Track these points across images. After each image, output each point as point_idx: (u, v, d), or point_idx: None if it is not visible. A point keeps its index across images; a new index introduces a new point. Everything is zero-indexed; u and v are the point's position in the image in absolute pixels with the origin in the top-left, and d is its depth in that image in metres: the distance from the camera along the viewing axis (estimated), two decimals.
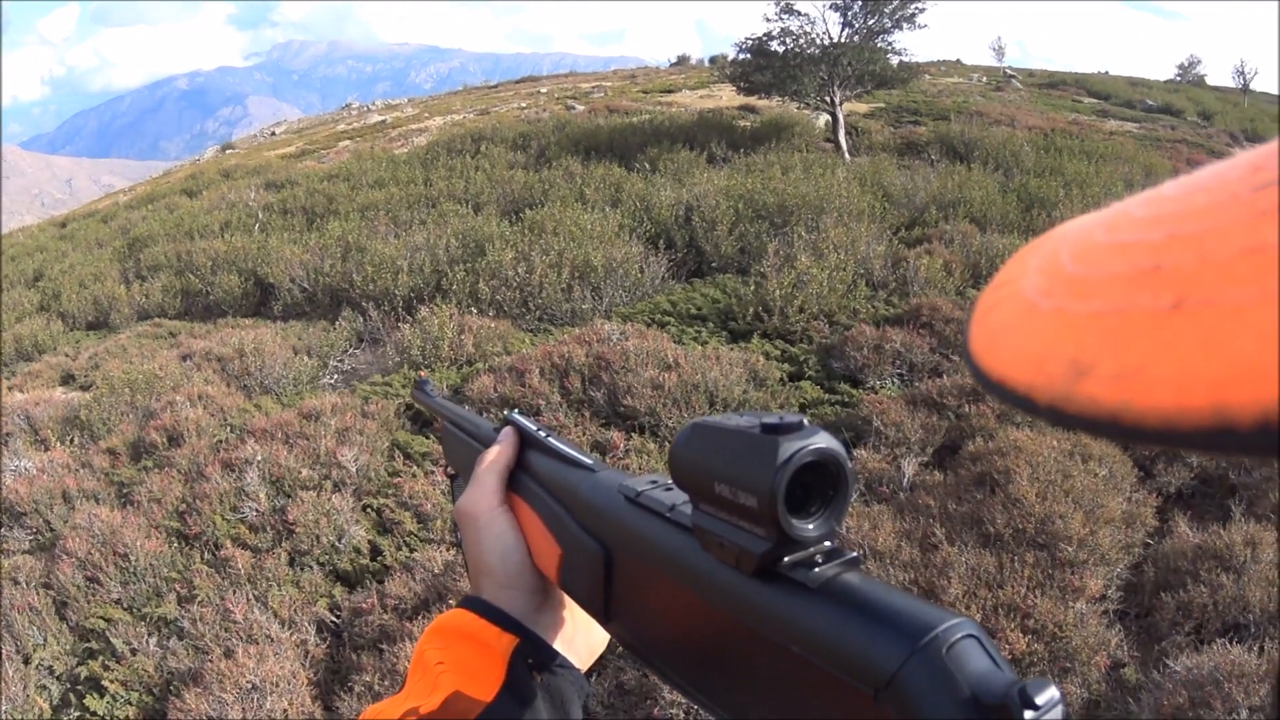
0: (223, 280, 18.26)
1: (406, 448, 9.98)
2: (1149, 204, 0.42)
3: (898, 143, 26.88)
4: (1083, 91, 44.96)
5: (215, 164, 38.39)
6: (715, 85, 37.25)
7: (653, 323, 13.01)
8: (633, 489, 1.01)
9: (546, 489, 1.22)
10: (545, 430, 1.30)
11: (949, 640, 0.60)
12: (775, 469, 0.69)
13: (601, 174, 21.33)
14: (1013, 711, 0.54)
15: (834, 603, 0.70)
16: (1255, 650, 5.93)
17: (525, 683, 1.08)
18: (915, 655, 0.60)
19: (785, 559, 0.73)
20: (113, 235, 26.21)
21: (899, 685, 0.60)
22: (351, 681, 6.70)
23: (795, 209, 16.13)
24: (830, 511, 0.74)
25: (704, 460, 0.78)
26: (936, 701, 0.58)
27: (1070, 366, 0.36)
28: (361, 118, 48.35)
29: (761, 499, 0.71)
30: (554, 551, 1.16)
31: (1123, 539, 7.48)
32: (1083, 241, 0.43)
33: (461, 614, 1.16)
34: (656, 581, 0.93)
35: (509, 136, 27.93)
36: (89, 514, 8.93)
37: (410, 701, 1.07)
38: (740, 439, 0.74)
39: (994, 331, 0.44)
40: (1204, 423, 0.30)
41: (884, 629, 0.64)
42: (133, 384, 12.41)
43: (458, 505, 1.30)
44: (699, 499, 0.81)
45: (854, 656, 0.64)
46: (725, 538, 0.77)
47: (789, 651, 0.71)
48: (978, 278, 14.00)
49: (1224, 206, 0.35)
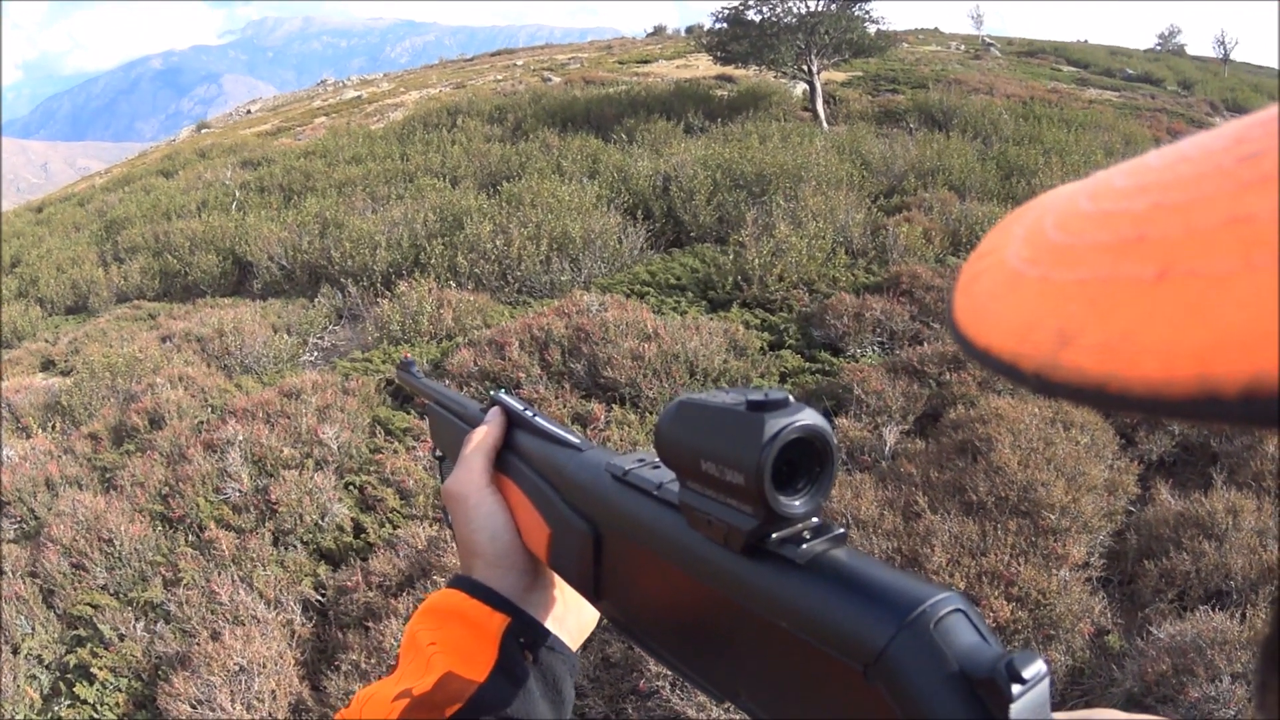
0: (201, 260, 18.20)
1: (387, 424, 9.98)
2: (1133, 173, 0.42)
3: (876, 111, 26.91)
4: (1062, 60, 45.12)
5: (191, 144, 38.24)
6: (692, 55, 37.26)
7: (632, 293, 13.01)
8: (620, 467, 1.01)
9: (534, 468, 1.22)
10: (532, 410, 1.31)
11: (936, 615, 0.61)
12: (761, 446, 0.70)
13: (578, 145, 21.26)
14: (1000, 685, 0.55)
15: (822, 579, 0.70)
16: (1237, 617, 5.97)
17: (517, 662, 1.09)
18: (903, 630, 0.61)
19: (773, 536, 0.74)
20: (89, 218, 26.11)
21: (887, 661, 0.60)
22: (339, 660, 6.70)
23: (773, 178, 16.11)
24: (816, 488, 0.75)
25: (690, 438, 0.78)
26: (925, 676, 0.59)
27: (1055, 335, 0.37)
28: (337, 94, 48.21)
29: (748, 476, 0.71)
30: (543, 531, 1.16)
31: (1105, 506, 7.51)
32: (1067, 210, 0.43)
33: (452, 594, 1.16)
34: (645, 560, 0.94)
35: (485, 110, 27.90)
36: (73, 500, 8.90)
37: (403, 683, 1.07)
38: (726, 416, 0.74)
39: (978, 300, 0.44)
40: (1189, 392, 0.30)
41: (872, 605, 0.64)
42: (113, 367, 12.39)
43: (445, 486, 1.29)
44: (686, 477, 0.82)
45: (842, 633, 0.65)
46: (713, 515, 0.78)
47: (778, 628, 0.72)
48: (957, 245, 14.02)
49: (1208, 177, 0.35)
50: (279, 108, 51.24)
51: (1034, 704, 0.56)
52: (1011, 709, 0.55)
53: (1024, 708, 0.56)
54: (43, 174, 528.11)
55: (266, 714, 6.58)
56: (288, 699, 6.70)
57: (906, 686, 0.59)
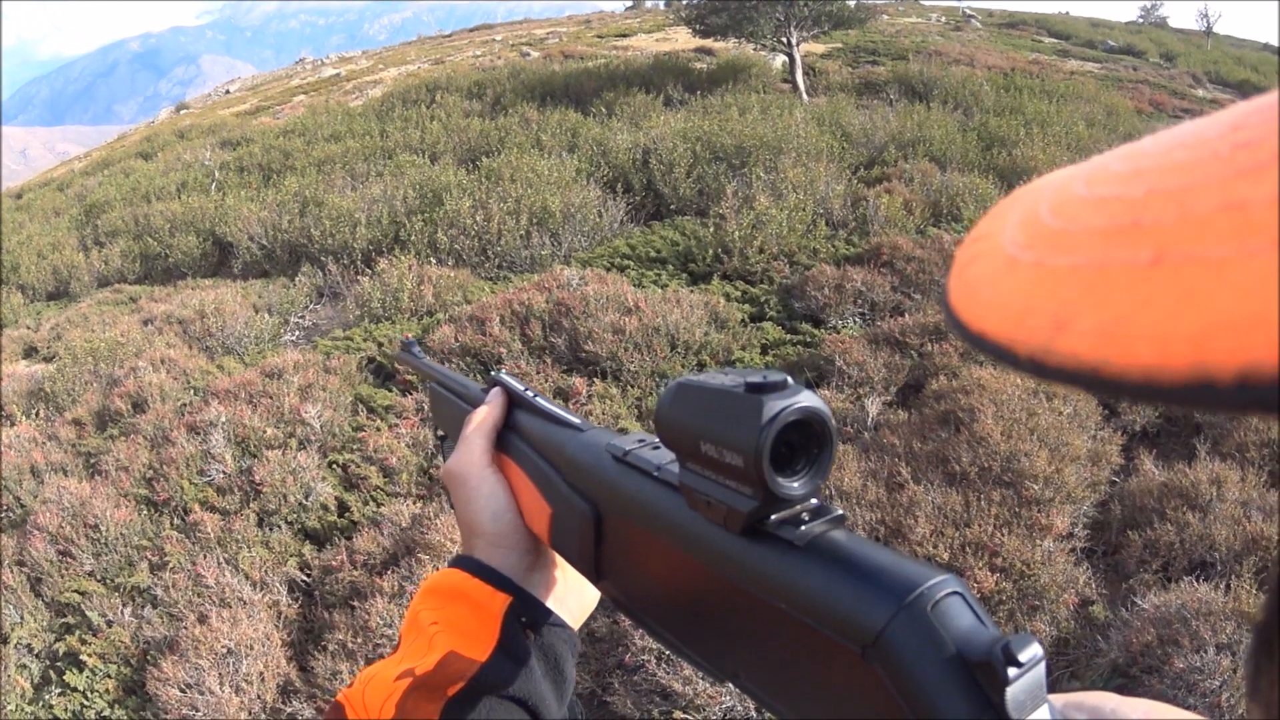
0: (181, 242, 18.17)
1: (369, 402, 9.96)
2: (1128, 159, 0.42)
3: (856, 83, 26.90)
4: (1043, 31, 45.13)
5: (170, 125, 38.18)
6: (671, 28, 37.23)
7: (612, 267, 13.01)
8: (620, 448, 1.02)
9: (535, 449, 1.23)
10: (533, 391, 1.32)
11: (934, 597, 0.61)
12: (760, 428, 0.70)
13: (558, 120, 21.25)
14: (996, 668, 0.56)
15: (820, 560, 0.70)
16: (1222, 588, 5.99)
17: (519, 641, 1.10)
18: (901, 612, 0.61)
19: (772, 517, 0.74)
20: (69, 203, 26.05)
21: (885, 642, 0.61)
22: (325, 640, 6.70)
23: (753, 150, 16.07)
24: (815, 470, 0.75)
25: (689, 420, 0.79)
26: (922, 658, 0.59)
27: (1050, 320, 0.37)
28: (316, 72, 48.12)
29: (747, 458, 0.71)
30: (544, 511, 1.17)
31: (1088, 477, 7.53)
32: (1062, 195, 0.43)
33: (454, 574, 1.17)
34: (645, 540, 0.94)
35: (464, 85, 27.81)
36: (58, 487, 8.88)
37: (405, 663, 1.08)
38: (725, 398, 0.74)
39: (973, 285, 0.44)
40: (1184, 378, 0.30)
41: (870, 586, 0.65)
42: (95, 352, 12.35)
43: (446, 466, 1.31)
44: (685, 458, 0.82)
45: (841, 614, 0.65)
46: (712, 496, 0.78)
47: (776, 609, 0.72)
48: (938, 216, 14.05)
49: (1204, 163, 0.35)
50: (258, 87, 51.16)
51: (1030, 687, 0.57)
52: (1008, 692, 0.56)
53: (1020, 690, 0.56)
54: (22, 160, 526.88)
55: (255, 696, 6.58)
56: (275, 680, 6.70)
57: (904, 668, 0.60)
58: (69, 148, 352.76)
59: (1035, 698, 0.57)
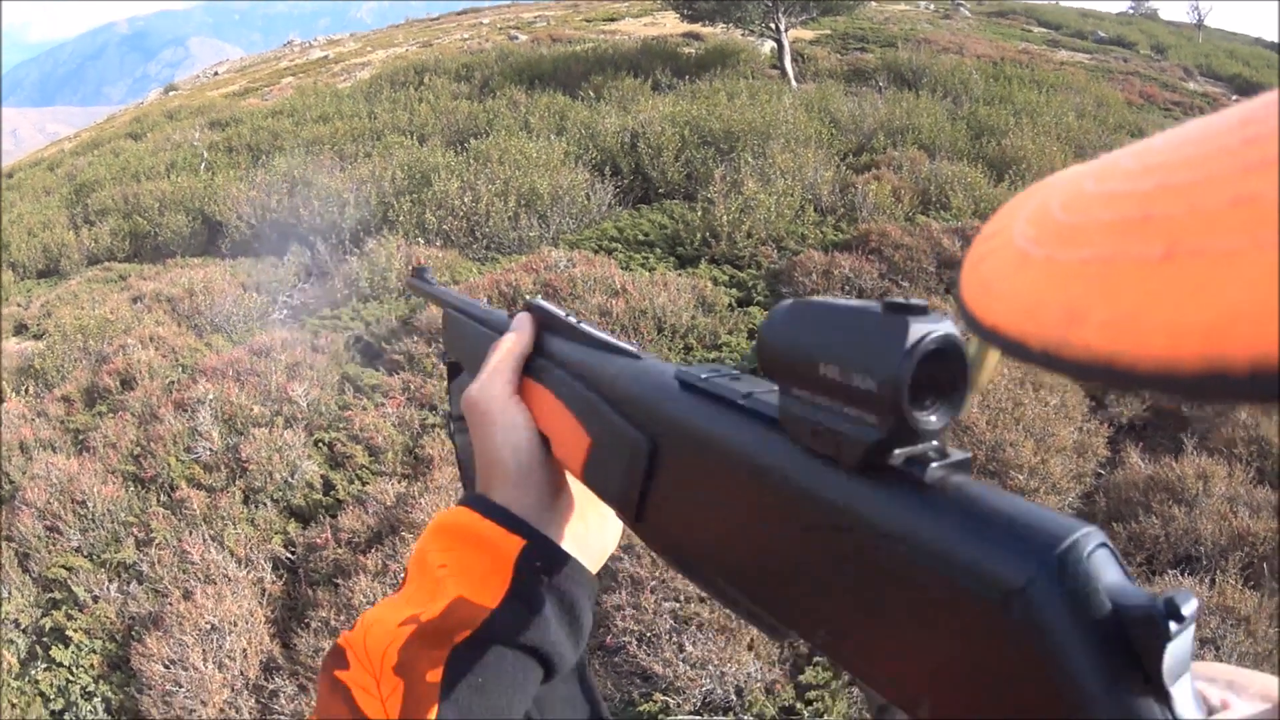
0: (170, 221, 18.17)
1: (356, 381, 10.01)
2: (1138, 155, 0.42)
3: (844, 69, 26.71)
4: (1033, 21, 44.76)
5: (159, 106, 38.00)
6: (659, 12, 36.87)
7: (600, 249, 13.04)
8: (694, 374, 0.92)
9: (577, 375, 1.13)
10: (576, 316, 1.20)
11: (1087, 547, 0.55)
12: (905, 351, 0.63)
13: (546, 103, 21.23)
14: (1159, 622, 0.51)
15: (953, 503, 0.64)
16: (1206, 582, 6.06)
17: (533, 588, 1.04)
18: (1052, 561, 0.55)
19: (896, 451, 0.67)
20: (59, 182, 25.92)
21: (1033, 593, 0.54)
22: (308, 618, 6.75)
23: (741, 135, 16.07)
24: (950, 405, 0.67)
25: (809, 338, 0.71)
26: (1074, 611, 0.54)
27: (1063, 314, 0.38)
28: (304, 54, 47.90)
29: (883, 383, 0.64)
30: (581, 441, 1.08)
31: (1074, 468, 7.58)
32: (1072, 191, 0.44)
33: (466, 513, 1.09)
34: (718, 476, 0.85)
35: (452, 68, 27.76)
36: (46, 463, 8.94)
37: (410, 606, 1.03)
38: (859, 316, 0.67)
39: (986, 280, 0.46)
40: (1197, 370, 0.31)
41: (1016, 533, 0.58)
42: (85, 329, 12.35)
43: (467, 394, 1.20)
44: (793, 382, 0.74)
45: (981, 561, 0.58)
46: (824, 425, 0.70)
47: (894, 553, 0.64)
48: (926, 204, 14.01)
49: (1213, 157, 0.36)
50: (246, 69, 50.92)
51: (1184, 646, 0.52)
52: (1168, 649, 0.51)
53: (1177, 648, 0.51)
54: (13, 140, 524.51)
55: (238, 672, 6.63)
56: (259, 657, 6.75)
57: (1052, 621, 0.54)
58: (59, 128, 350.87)
59: (1185, 661, 0.52)
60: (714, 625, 6.07)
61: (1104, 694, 0.52)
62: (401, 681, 0.98)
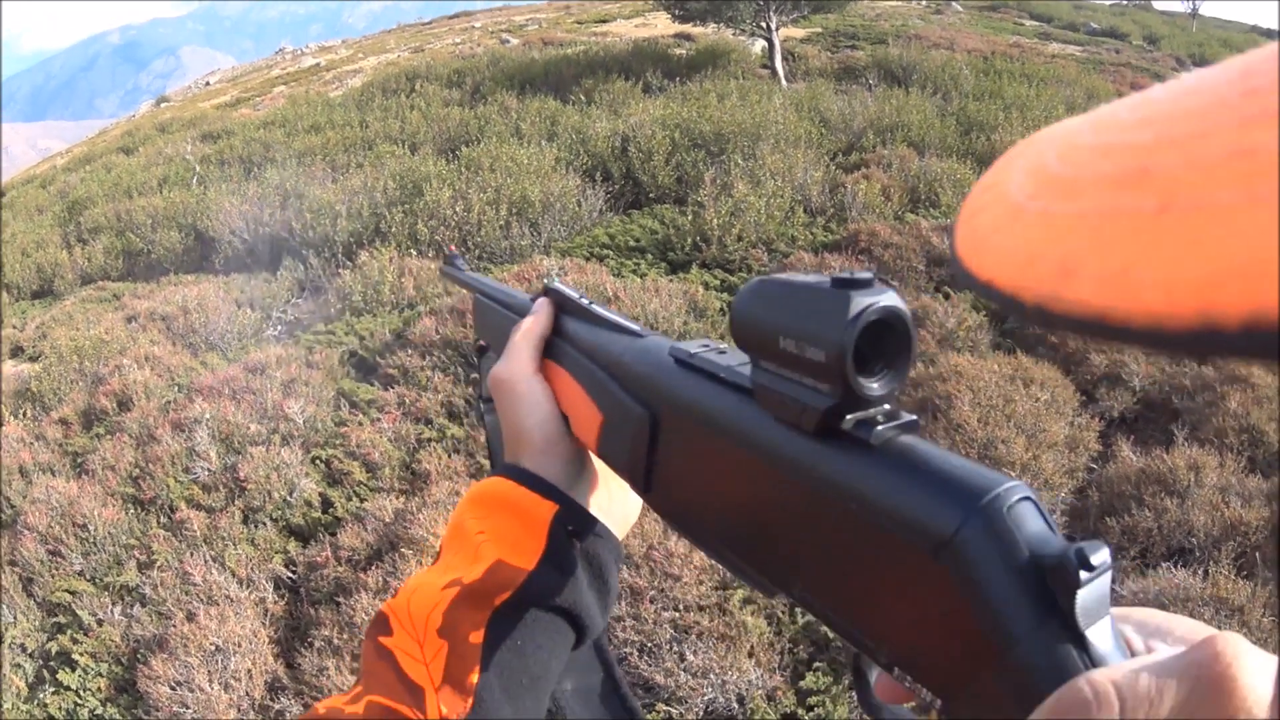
0: (163, 237, 18.13)
1: (352, 396, 10.01)
2: (1136, 107, 0.43)
3: (835, 68, 26.62)
4: (1025, 14, 44.64)
5: (150, 119, 37.96)
6: (650, 13, 36.83)
7: (592, 256, 13.05)
8: (685, 350, 1.02)
9: (588, 355, 1.22)
10: (589, 298, 1.31)
11: (1008, 500, 0.63)
12: (846, 323, 0.71)
13: (537, 108, 21.22)
14: (1070, 570, 0.57)
15: (894, 462, 0.72)
16: (1200, 574, 6.07)
17: (565, 550, 1.10)
18: (976, 514, 0.63)
19: (848, 417, 0.75)
20: (52, 200, 25.83)
21: (959, 543, 0.62)
22: (311, 637, 6.77)
23: (732, 137, 16.08)
24: (894, 371, 0.76)
25: (769, 315, 0.79)
26: (996, 559, 0.61)
27: (1057, 268, 0.38)
28: (295, 62, 47.84)
29: (830, 353, 0.72)
30: (595, 418, 1.17)
31: (1066, 463, 7.59)
32: (1069, 143, 0.44)
33: (501, 482, 1.16)
34: (706, 445, 0.94)
35: (443, 74, 27.71)
36: (46, 487, 8.94)
37: (451, 572, 1.08)
38: (810, 292, 0.75)
39: (980, 233, 0.45)
40: (1190, 325, 0.31)
41: (945, 488, 0.66)
42: (80, 351, 12.37)
43: (493, 373, 1.30)
44: (760, 355, 0.83)
45: (914, 515, 0.66)
46: (787, 394, 0.79)
47: (845, 511, 0.73)
48: (916, 202, 14.05)
49: (1213, 110, 0.36)
50: (238, 78, 50.86)
51: (1099, 592, 0.59)
52: (1079, 595, 0.57)
53: (1090, 594, 0.58)
54: (4, 156, 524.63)
55: (243, 692, 6.64)
56: (263, 677, 6.77)
57: (975, 569, 0.61)
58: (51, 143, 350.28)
59: (1101, 606, 0.59)
60: (714, 634, 6.11)
61: (1026, 636, 0.58)
62: (445, 644, 1.03)
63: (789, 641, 6.23)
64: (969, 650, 0.61)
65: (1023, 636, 0.58)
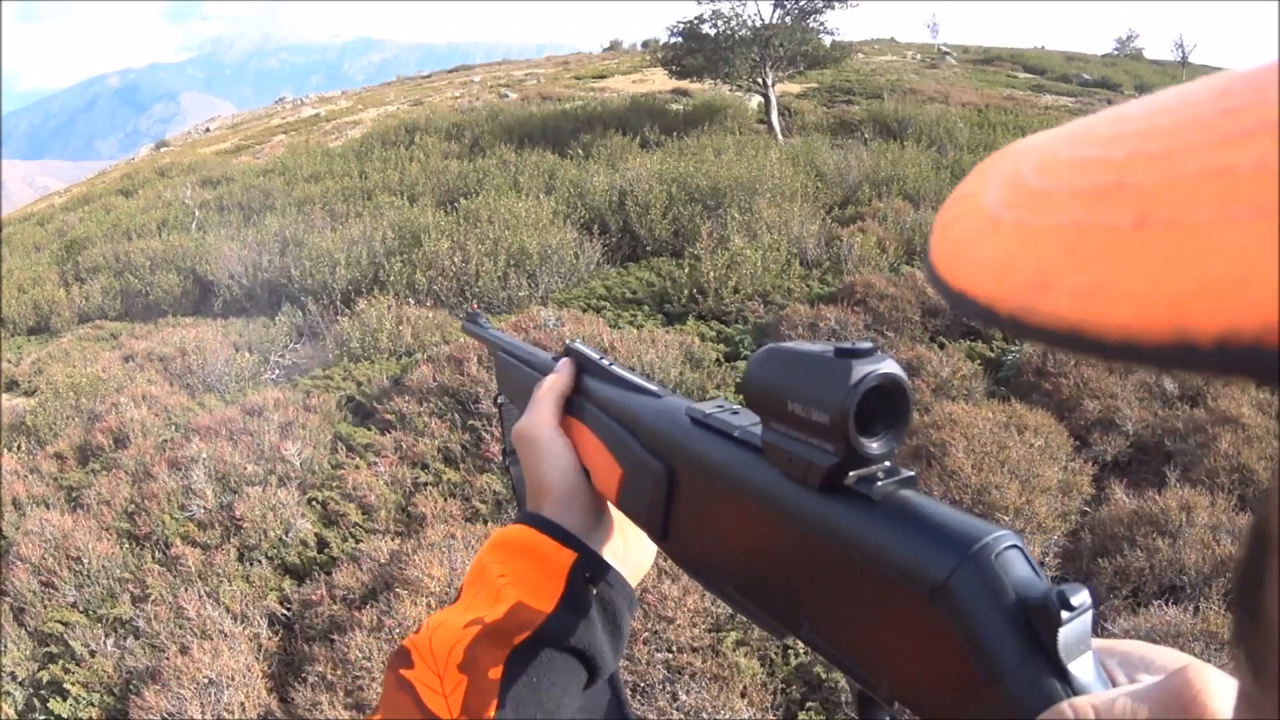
0: (162, 279, 18.17)
1: (349, 440, 10.06)
2: (1113, 122, 0.43)
3: (831, 122, 26.88)
4: (1018, 67, 44.92)
5: (150, 162, 37.93)
6: (648, 69, 37.11)
7: (589, 308, 13.11)
8: (700, 411, 1.08)
9: (608, 413, 1.28)
10: (608, 359, 1.36)
11: (996, 549, 0.68)
12: (848, 389, 0.77)
13: (535, 161, 21.37)
14: (1052, 611, 0.63)
15: (893, 514, 0.77)
16: (1191, 610, 6.13)
17: (582, 595, 1.15)
18: (966, 561, 0.67)
19: (850, 474, 0.80)
20: (50, 238, 25.84)
21: (952, 587, 0.67)
22: (305, 672, 6.77)
23: (728, 190, 16.25)
24: (892, 432, 0.81)
25: (779, 380, 0.85)
26: (984, 602, 0.66)
27: (1032, 280, 0.38)
28: (295, 111, 47.90)
29: (834, 416, 0.78)
30: (614, 472, 1.22)
31: (1059, 507, 7.65)
32: (1045, 155, 0.44)
33: (523, 529, 1.21)
34: (721, 498, 0.99)
35: (443, 126, 27.93)
36: (40, 519, 8.93)
37: (473, 612, 1.13)
38: (815, 361, 0.81)
39: (955, 244, 0.46)
40: (1165, 340, 0.31)
41: (939, 538, 0.71)
42: (77, 387, 12.40)
43: (517, 427, 1.36)
44: (771, 417, 0.88)
45: (910, 562, 0.71)
46: (795, 453, 0.84)
47: (849, 559, 0.78)
48: (911, 254, 14.17)
49: (1188, 127, 0.36)
50: (238, 126, 50.90)
51: (1079, 630, 0.64)
52: (1060, 633, 0.63)
53: (1070, 634, 0.63)
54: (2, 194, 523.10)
55: None
56: (256, 710, 6.76)
57: (966, 611, 0.66)
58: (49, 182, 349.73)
59: (1082, 642, 0.64)
60: (707, 674, 6.15)
61: (1014, 670, 0.63)
62: (465, 678, 1.08)
63: (781, 682, 6.27)
64: (962, 683, 0.67)
65: (1010, 670, 0.64)
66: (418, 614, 6.68)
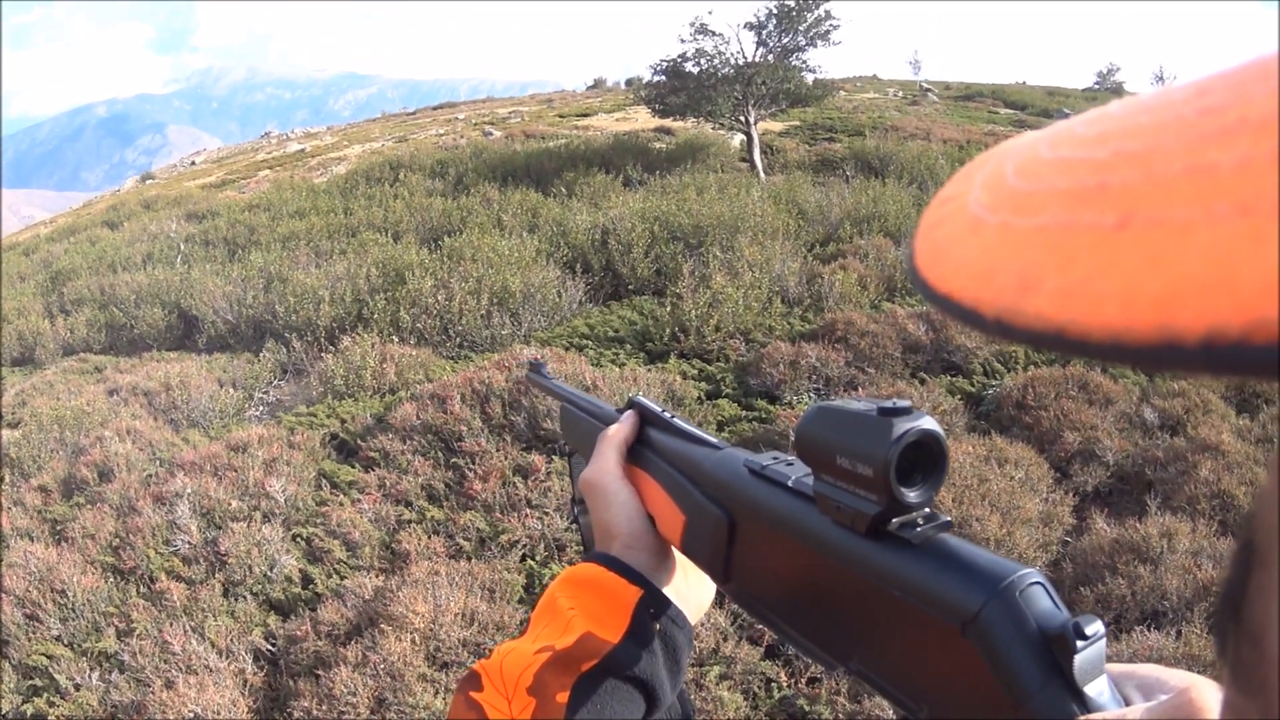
0: (146, 313, 18.15)
1: (333, 477, 10.11)
2: (1095, 122, 0.44)
3: (813, 160, 27.03)
4: (999, 103, 44.88)
5: (136, 194, 37.84)
6: (631, 108, 37.25)
7: (571, 346, 13.14)
8: (758, 463, 1.16)
9: (671, 463, 1.36)
10: (671, 413, 1.45)
11: (1021, 585, 0.75)
12: (889, 445, 0.84)
13: (519, 200, 21.48)
14: (1068, 640, 0.71)
15: (930, 556, 0.84)
16: (1173, 635, 6.26)
17: (646, 630, 1.23)
18: (995, 597, 0.75)
19: (893, 520, 0.88)
20: (35, 269, 25.74)
21: (982, 620, 0.75)
22: (290, 707, 6.80)
23: (710, 229, 16.33)
24: (930, 482, 0.89)
25: (827, 437, 0.93)
26: (1010, 633, 0.73)
27: (1017, 281, 0.38)
28: (281, 146, 47.82)
29: (876, 470, 0.85)
30: (678, 518, 1.30)
31: (1040, 538, 7.72)
32: (1028, 157, 0.45)
33: (592, 567, 1.30)
34: (777, 543, 1.08)
35: (427, 164, 27.99)
36: (24, 552, 8.96)
37: (542, 640, 1.21)
38: (860, 419, 0.89)
39: (939, 246, 0.46)
40: (1150, 339, 0.32)
41: (971, 576, 0.79)
42: (61, 420, 12.40)
43: (584, 476, 1.44)
44: (820, 470, 0.96)
45: (945, 598, 0.79)
46: (843, 503, 0.92)
47: (891, 596, 0.86)
48: (892, 291, 14.23)
49: (1170, 127, 0.37)
50: (223, 159, 50.80)
51: (1094, 656, 0.72)
52: (1076, 659, 0.70)
53: (1085, 660, 0.71)
54: None
55: None
56: None
57: (994, 641, 0.73)
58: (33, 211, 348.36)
59: (1096, 667, 0.71)
60: (705, 716, 6.22)
61: (1036, 693, 0.71)
62: (534, 701, 1.16)
63: (765, 716, 6.35)
64: (991, 706, 0.74)
65: (1033, 693, 0.71)
66: (402, 650, 6.72)
